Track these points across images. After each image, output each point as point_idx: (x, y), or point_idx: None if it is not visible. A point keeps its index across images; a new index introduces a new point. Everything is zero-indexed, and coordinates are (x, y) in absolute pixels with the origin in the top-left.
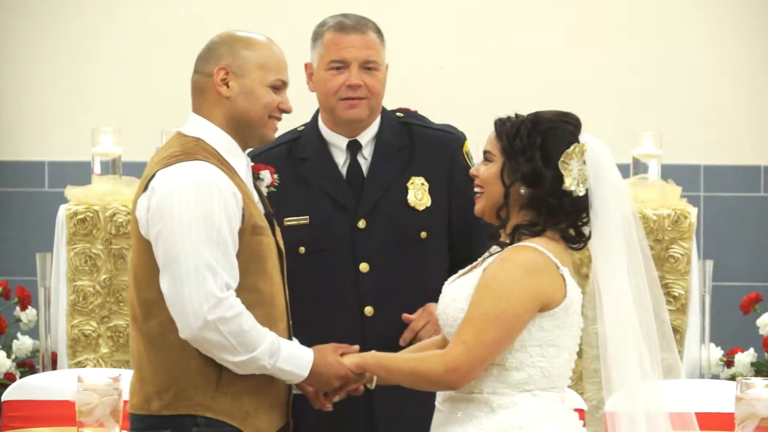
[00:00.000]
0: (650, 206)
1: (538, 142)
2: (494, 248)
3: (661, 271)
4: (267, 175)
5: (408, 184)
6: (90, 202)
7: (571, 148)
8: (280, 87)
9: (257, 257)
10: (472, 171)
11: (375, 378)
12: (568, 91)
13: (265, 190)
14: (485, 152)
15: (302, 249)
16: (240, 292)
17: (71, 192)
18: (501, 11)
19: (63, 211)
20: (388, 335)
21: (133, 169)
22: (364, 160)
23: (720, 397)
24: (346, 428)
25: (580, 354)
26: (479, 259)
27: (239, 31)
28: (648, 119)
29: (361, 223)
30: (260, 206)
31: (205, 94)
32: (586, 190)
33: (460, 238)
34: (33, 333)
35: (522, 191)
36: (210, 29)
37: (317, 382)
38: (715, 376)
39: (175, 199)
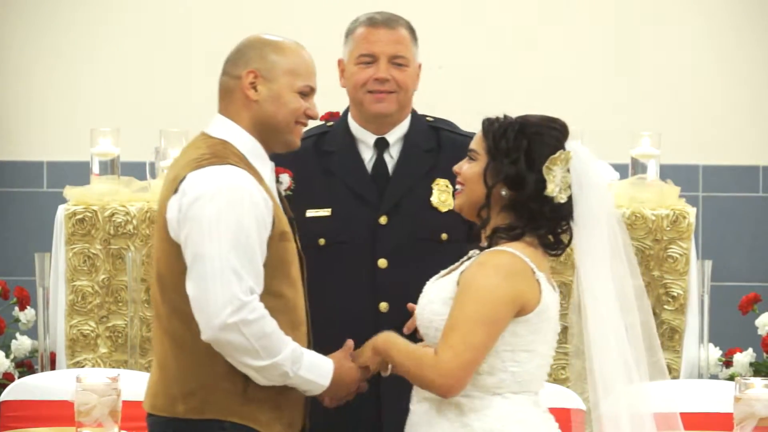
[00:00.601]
0: (649, 206)
1: (524, 145)
2: (473, 251)
3: (660, 271)
4: (286, 179)
5: (432, 185)
6: (88, 202)
7: (557, 154)
8: (308, 93)
9: (282, 263)
10: (455, 168)
11: (390, 366)
12: (567, 91)
13: (282, 193)
14: (470, 150)
15: (322, 241)
16: (264, 297)
17: (70, 192)
18: (500, 11)
19: (62, 211)
20: (401, 333)
21: (132, 169)
22: (390, 158)
23: (719, 397)
24: (352, 424)
25: (579, 354)
26: (458, 262)
27: (269, 34)
28: (646, 119)
29: (383, 220)
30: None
31: (232, 96)
32: (568, 197)
33: None
34: (32, 333)
35: (503, 193)
36: (209, 30)
37: (337, 391)
38: (714, 377)
39: (206, 202)
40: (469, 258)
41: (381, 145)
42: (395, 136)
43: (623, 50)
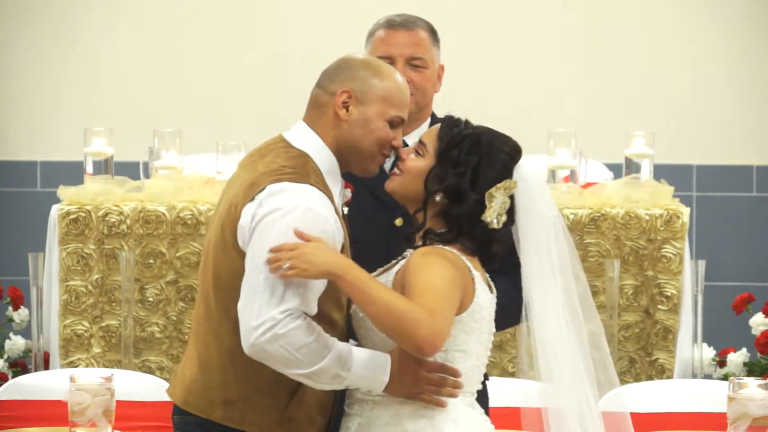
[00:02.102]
0: (643, 206)
1: (474, 162)
2: (407, 251)
3: (654, 271)
4: (348, 193)
5: None
6: (82, 201)
7: (502, 183)
8: (397, 124)
9: (335, 287)
10: (402, 152)
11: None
12: (562, 92)
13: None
14: (421, 142)
15: None
16: (314, 320)
17: (63, 192)
18: (498, 12)
19: (55, 210)
20: None
21: (126, 169)
22: None
23: (712, 397)
24: None
25: None
26: (393, 261)
27: (370, 57)
28: (640, 119)
29: (399, 221)
30: None
31: (322, 110)
32: (503, 224)
33: None
34: (25, 333)
35: (438, 198)
36: (203, 30)
37: (403, 380)
38: (708, 376)
39: (278, 218)
40: (404, 257)
41: None
42: (416, 138)
43: (618, 50)
